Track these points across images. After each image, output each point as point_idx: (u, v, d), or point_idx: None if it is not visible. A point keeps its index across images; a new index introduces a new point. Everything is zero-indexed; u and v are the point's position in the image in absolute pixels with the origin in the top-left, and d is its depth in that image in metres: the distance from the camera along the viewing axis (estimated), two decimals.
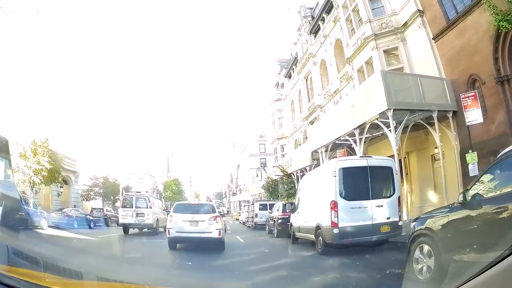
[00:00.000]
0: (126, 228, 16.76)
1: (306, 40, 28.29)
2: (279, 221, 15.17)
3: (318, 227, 8.83)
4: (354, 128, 12.49)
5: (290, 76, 33.63)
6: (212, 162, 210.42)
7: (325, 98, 24.20)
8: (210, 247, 9.82)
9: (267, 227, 18.40)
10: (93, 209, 27.53)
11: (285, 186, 23.51)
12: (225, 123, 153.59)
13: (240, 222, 32.75)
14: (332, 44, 23.06)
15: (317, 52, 25.80)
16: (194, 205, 11.79)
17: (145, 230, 17.32)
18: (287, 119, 33.82)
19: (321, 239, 8.61)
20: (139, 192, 29.13)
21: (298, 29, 30.27)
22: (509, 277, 1.52)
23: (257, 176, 47.13)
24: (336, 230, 7.91)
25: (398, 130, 10.98)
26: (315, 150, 17.55)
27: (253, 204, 23.88)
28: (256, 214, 21.68)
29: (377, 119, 11.40)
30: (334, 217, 7.93)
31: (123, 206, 16.98)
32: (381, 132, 12.71)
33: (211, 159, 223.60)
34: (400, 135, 11.19)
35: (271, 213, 18.14)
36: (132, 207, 16.59)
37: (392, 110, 10.84)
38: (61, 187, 28.63)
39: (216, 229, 9.73)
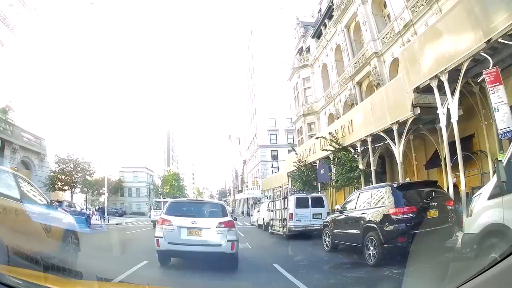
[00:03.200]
0: (155, 224, 18.24)
1: None
2: (390, 228, 7.00)
3: None
4: None
5: (319, 36, 26.08)
6: (216, 159, 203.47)
7: (384, 43, 16.68)
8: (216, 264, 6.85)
9: (327, 238, 10.18)
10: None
11: (335, 168, 15.01)
12: (230, 117, 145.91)
13: (253, 225, 24.60)
14: None
15: None
16: (196, 204, 9.05)
17: None
18: (317, 89, 26.18)
19: None
20: (165, 199, 31.19)
21: None
22: (509, 277, 1.42)
23: (272, 166, 39.97)
24: None
25: None
26: (420, 86, 9.58)
27: (285, 198, 14.62)
28: (291, 215, 13.60)
29: None
30: None
31: (155, 209, 23.38)
32: None
33: (215, 156, 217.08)
34: None
35: (341, 211, 9.61)
36: (161, 209, 20.16)
37: None
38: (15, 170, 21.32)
39: (229, 241, 6.63)
